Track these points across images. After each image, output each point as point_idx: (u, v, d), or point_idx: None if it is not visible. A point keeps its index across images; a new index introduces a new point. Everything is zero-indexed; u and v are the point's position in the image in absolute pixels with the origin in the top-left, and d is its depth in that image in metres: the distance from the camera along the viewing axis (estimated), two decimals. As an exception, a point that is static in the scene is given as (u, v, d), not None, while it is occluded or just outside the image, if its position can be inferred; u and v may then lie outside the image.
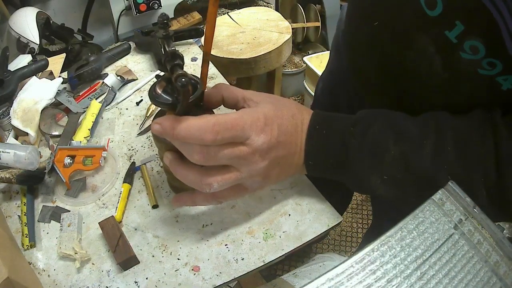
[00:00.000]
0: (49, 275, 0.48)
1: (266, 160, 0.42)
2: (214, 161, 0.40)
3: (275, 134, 0.42)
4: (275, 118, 0.42)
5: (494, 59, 0.36)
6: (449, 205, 0.32)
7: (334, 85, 0.75)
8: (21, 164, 0.57)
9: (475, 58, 0.37)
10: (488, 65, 0.37)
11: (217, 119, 0.38)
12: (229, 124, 0.38)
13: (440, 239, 0.30)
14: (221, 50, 1.18)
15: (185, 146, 0.40)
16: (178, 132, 0.38)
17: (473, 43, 0.36)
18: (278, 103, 0.44)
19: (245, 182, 0.44)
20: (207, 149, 0.39)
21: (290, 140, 0.44)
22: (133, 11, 1.23)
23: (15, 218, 0.55)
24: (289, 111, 0.44)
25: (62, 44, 1.14)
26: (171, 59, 0.38)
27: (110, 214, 0.53)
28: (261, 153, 0.41)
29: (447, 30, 0.37)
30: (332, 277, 0.27)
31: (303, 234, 0.50)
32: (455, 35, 0.37)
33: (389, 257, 0.28)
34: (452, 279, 0.28)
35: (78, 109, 0.69)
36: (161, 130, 0.39)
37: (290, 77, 1.88)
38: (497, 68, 0.36)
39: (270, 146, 0.41)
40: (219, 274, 0.47)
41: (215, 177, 0.42)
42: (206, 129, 0.38)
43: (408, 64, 0.45)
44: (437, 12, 0.37)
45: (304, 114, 0.45)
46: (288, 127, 0.43)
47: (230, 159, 0.41)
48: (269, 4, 1.76)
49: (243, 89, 0.45)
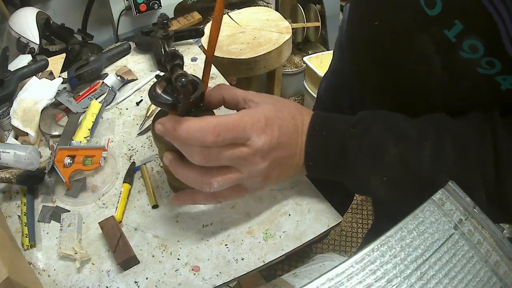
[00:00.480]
0: (49, 275, 0.48)
1: (266, 161, 0.42)
2: (215, 162, 0.41)
3: (275, 135, 0.42)
4: (275, 119, 0.42)
5: (493, 58, 0.36)
6: (449, 205, 0.32)
7: (337, 85, 0.75)
8: (21, 164, 0.57)
9: (474, 57, 0.37)
10: (487, 64, 0.37)
11: (218, 120, 0.38)
12: (230, 125, 0.38)
13: (440, 239, 0.30)
14: (221, 50, 1.18)
15: (185, 147, 0.40)
16: (179, 133, 0.38)
17: (472, 42, 0.36)
18: (278, 104, 0.44)
19: (245, 182, 0.44)
20: (208, 150, 0.39)
21: (290, 141, 0.44)
22: (133, 11, 1.23)
23: (15, 218, 0.55)
24: (290, 112, 0.44)
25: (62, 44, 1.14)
26: (171, 59, 0.38)
27: (110, 214, 0.53)
28: (262, 154, 0.41)
29: (446, 29, 0.38)
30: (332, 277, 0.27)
31: (303, 234, 0.50)
32: (454, 34, 0.37)
33: (389, 257, 0.28)
34: (452, 279, 0.28)
35: (78, 109, 0.69)
36: (163, 130, 0.39)
37: (290, 77, 1.88)
38: (496, 68, 0.37)
39: (271, 147, 0.41)
40: (219, 274, 0.47)
41: (216, 177, 0.42)
42: (208, 130, 0.38)
43: (409, 64, 0.45)
44: (437, 11, 0.38)
45: (304, 115, 0.45)
46: (289, 128, 0.43)
47: (231, 160, 0.41)
48: (269, 4, 1.77)
49: (244, 90, 0.45)
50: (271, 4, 1.78)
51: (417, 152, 0.39)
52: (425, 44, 0.41)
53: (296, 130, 0.44)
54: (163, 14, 0.39)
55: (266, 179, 0.45)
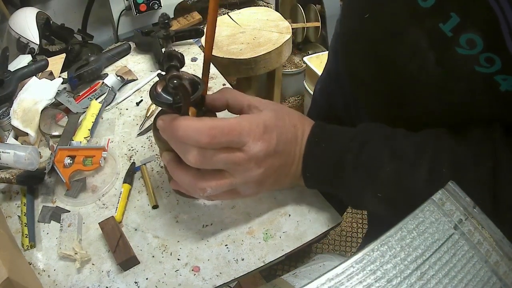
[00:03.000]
0: (49, 276, 0.48)
1: (261, 167, 0.42)
2: (208, 165, 0.40)
3: (273, 143, 0.41)
4: (274, 127, 0.42)
5: (492, 54, 0.34)
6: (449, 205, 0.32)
7: (331, 86, 0.75)
8: (21, 165, 0.57)
9: (472, 53, 0.35)
10: (486, 61, 0.35)
11: (215, 122, 0.38)
12: (226, 129, 0.38)
13: (440, 239, 0.30)
14: (221, 50, 1.18)
15: (181, 146, 0.40)
16: (176, 131, 0.38)
17: (470, 36, 0.34)
18: (281, 112, 0.44)
19: (238, 187, 0.44)
20: (203, 151, 0.39)
21: (289, 150, 0.43)
22: (133, 11, 1.23)
23: (15, 218, 0.55)
24: (291, 121, 0.44)
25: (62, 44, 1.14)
26: (168, 60, 0.38)
27: (110, 214, 0.53)
28: (257, 160, 0.41)
29: (441, 22, 0.35)
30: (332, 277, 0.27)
31: (303, 235, 0.50)
32: (450, 28, 0.35)
33: (389, 257, 0.28)
34: (452, 279, 0.28)
35: (78, 109, 0.69)
36: (164, 126, 0.39)
37: (290, 77, 1.88)
38: (495, 65, 0.34)
39: (267, 154, 0.41)
40: (219, 274, 0.47)
41: (209, 182, 0.42)
42: (203, 131, 0.38)
43: (400, 61, 0.43)
44: (431, 3, 0.35)
45: (305, 126, 0.45)
46: (288, 136, 0.43)
47: (226, 164, 0.40)
48: (269, 4, 1.77)
49: (250, 96, 0.45)
50: (271, 4, 1.78)
51: (412, 170, 0.38)
52: (418, 39, 0.39)
53: (295, 140, 0.44)
54: (164, 14, 0.39)
55: (260, 186, 0.44)
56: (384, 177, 0.40)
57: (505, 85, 0.35)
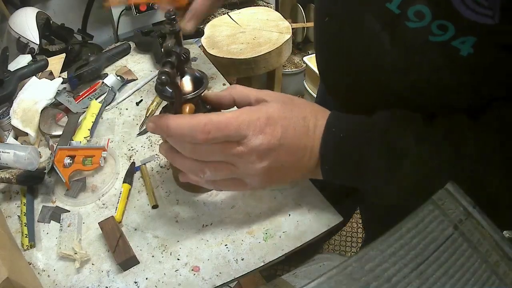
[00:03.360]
0: (49, 275, 0.48)
1: (265, 161, 0.41)
2: (207, 158, 0.41)
3: (277, 135, 0.40)
4: (279, 119, 0.40)
5: (443, 21, 0.33)
6: (449, 205, 0.32)
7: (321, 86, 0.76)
8: (21, 164, 0.57)
9: (423, 24, 0.35)
10: (438, 29, 0.34)
11: (210, 118, 0.38)
12: (222, 124, 0.38)
13: (439, 239, 0.30)
14: (221, 50, 1.18)
15: (178, 143, 0.41)
16: (170, 131, 0.38)
17: (417, 8, 0.34)
18: (290, 103, 0.42)
19: (243, 178, 0.43)
20: (200, 147, 0.39)
21: (297, 143, 0.41)
22: (133, 11, 1.23)
23: (15, 218, 0.55)
24: (301, 112, 0.42)
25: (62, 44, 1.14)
26: (165, 56, 0.38)
27: (110, 214, 0.53)
28: (259, 153, 0.40)
29: (387, 2, 0.36)
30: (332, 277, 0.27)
31: (303, 234, 0.50)
32: (397, 5, 0.35)
33: (388, 256, 0.28)
34: (451, 278, 0.28)
35: (78, 109, 0.69)
36: (155, 128, 0.39)
37: (290, 77, 1.89)
38: (449, 31, 0.34)
39: (270, 147, 0.40)
40: (219, 274, 0.47)
41: (208, 164, 0.41)
42: (197, 128, 0.37)
43: (362, 51, 0.43)
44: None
45: (318, 116, 0.43)
46: (296, 129, 0.41)
47: (226, 157, 0.40)
48: (269, 4, 1.76)
49: (258, 90, 0.44)
50: (271, 4, 1.78)
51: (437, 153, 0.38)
52: (372, 24, 0.39)
53: (306, 132, 0.42)
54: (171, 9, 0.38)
55: (267, 179, 0.43)
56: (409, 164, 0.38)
57: (466, 48, 0.34)
